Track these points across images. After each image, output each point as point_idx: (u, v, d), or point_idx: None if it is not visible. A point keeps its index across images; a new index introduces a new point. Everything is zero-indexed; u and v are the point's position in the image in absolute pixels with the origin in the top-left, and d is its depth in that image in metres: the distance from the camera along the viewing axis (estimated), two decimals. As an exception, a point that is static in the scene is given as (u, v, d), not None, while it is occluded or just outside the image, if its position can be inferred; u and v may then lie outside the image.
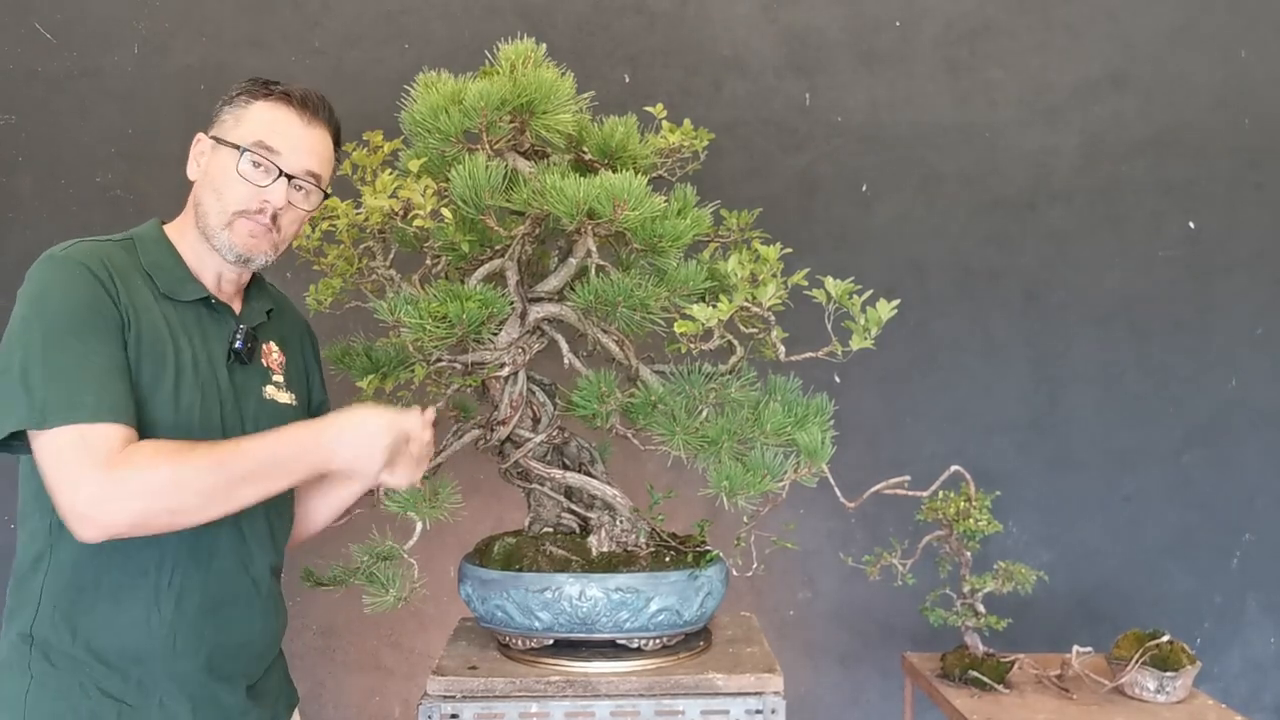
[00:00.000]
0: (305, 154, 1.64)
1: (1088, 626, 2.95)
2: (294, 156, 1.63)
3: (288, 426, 1.57)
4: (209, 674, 1.60)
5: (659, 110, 1.99)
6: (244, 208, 1.61)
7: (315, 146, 1.66)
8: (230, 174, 1.61)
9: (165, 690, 1.56)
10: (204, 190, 1.63)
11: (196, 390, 1.57)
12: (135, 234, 1.64)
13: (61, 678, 1.51)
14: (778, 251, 1.83)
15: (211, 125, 1.65)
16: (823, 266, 1.83)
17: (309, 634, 2.98)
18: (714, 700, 1.78)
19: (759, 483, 1.70)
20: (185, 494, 1.44)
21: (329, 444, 1.54)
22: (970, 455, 2.86)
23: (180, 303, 1.61)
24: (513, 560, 1.90)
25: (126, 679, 1.53)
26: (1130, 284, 3.04)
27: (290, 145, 1.63)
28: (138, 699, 1.54)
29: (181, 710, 1.57)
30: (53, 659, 1.51)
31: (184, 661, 1.57)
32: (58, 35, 2.92)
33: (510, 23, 2.91)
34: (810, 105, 3.01)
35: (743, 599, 2.86)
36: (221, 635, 1.62)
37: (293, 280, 2.04)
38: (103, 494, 1.40)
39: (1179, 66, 3.02)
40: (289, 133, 1.63)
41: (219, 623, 1.61)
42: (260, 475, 1.49)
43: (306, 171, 1.65)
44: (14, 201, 2.91)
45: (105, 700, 1.52)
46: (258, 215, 1.61)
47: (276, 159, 1.62)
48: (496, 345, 1.86)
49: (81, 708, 1.51)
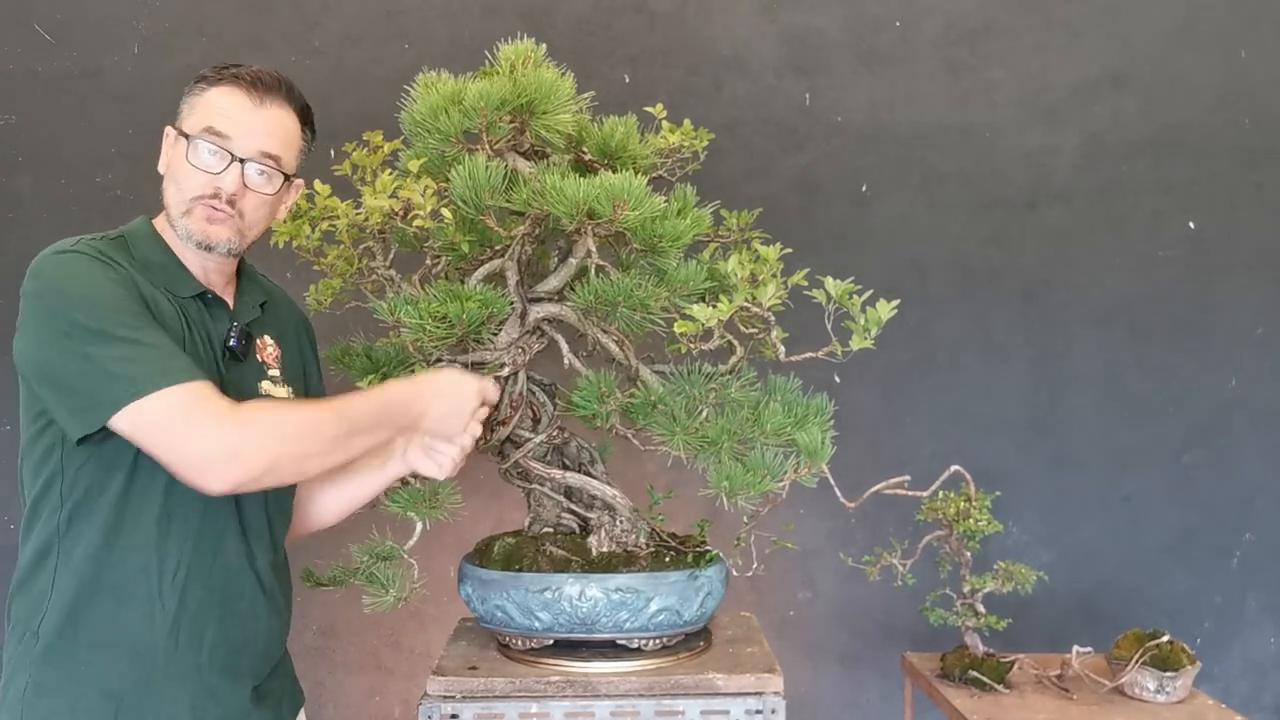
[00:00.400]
0: (258, 136, 1.60)
1: (1088, 626, 2.94)
2: (246, 140, 1.59)
3: (386, 383, 1.64)
4: (211, 671, 1.59)
5: (659, 110, 1.99)
6: (199, 194, 1.58)
7: (270, 128, 1.61)
8: (184, 163, 1.58)
9: (164, 687, 1.55)
10: (167, 181, 1.63)
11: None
12: (126, 232, 1.62)
13: (58, 676, 1.50)
14: (778, 251, 1.83)
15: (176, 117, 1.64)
16: (823, 266, 1.82)
17: (309, 634, 2.98)
18: (714, 700, 1.78)
19: (759, 483, 1.70)
20: (316, 439, 1.48)
21: (426, 398, 1.62)
22: (970, 455, 2.85)
23: (179, 298, 1.60)
24: (513, 560, 1.90)
25: (125, 676, 1.53)
26: (1130, 284, 3.04)
27: (241, 129, 1.59)
28: (135, 696, 1.53)
29: (180, 707, 1.56)
30: (51, 658, 1.51)
31: (186, 658, 1.57)
32: (58, 35, 2.92)
33: (510, 23, 2.91)
34: (810, 105, 3.01)
35: (743, 599, 2.86)
36: (225, 632, 1.61)
37: (293, 280, 2.04)
38: (239, 439, 1.40)
39: (1179, 66, 3.02)
40: (239, 116, 1.59)
41: (222, 619, 1.61)
42: (371, 425, 1.55)
43: (260, 153, 1.60)
44: (14, 201, 2.91)
45: (103, 699, 1.52)
46: (213, 200, 1.59)
47: (227, 144, 1.58)
48: (496, 345, 1.86)
49: (79, 705, 1.50)
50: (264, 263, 1.93)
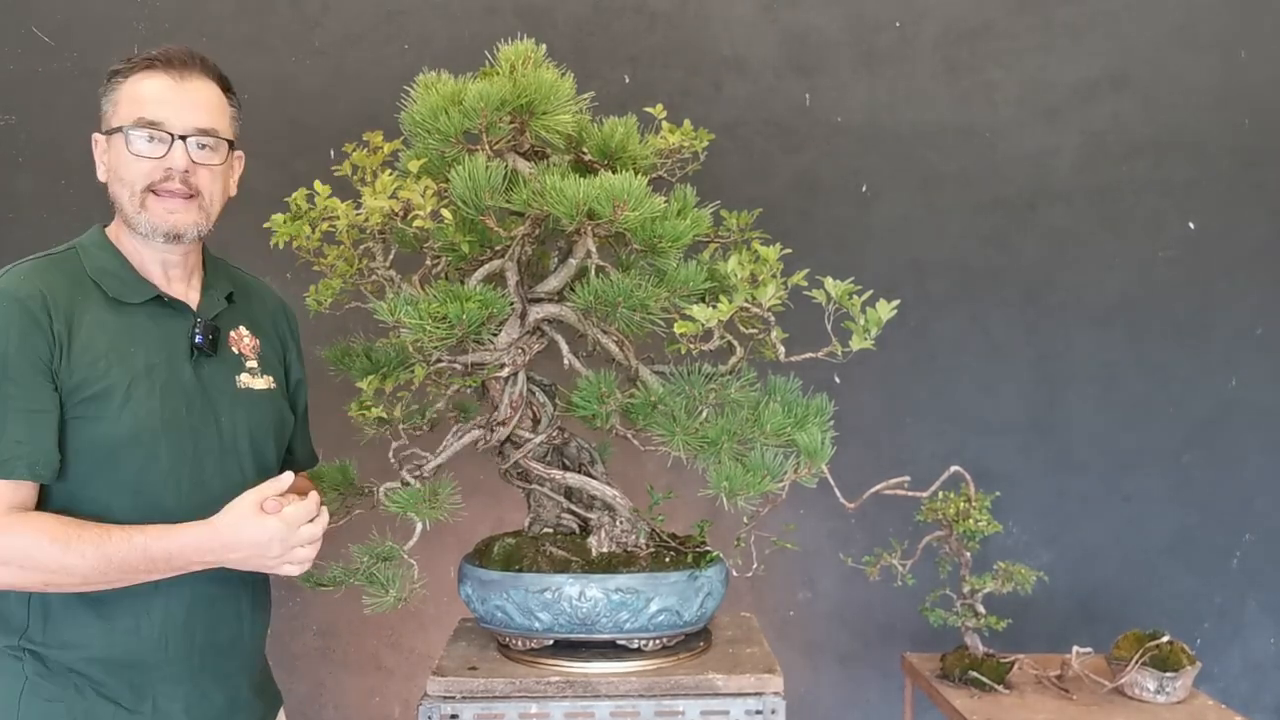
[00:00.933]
0: (189, 111, 1.60)
1: (1088, 627, 2.94)
2: (179, 118, 1.59)
3: (185, 526, 1.52)
4: (202, 672, 1.60)
5: (659, 111, 1.99)
6: (149, 182, 1.58)
7: (198, 101, 1.61)
8: (125, 157, 1.59)
9: (159, 691, 1.56)
10: (112, 184, 1.62)
11: (154, 395, 1.56)
12: (79, 243, 1.63)
13: (57, 680, 1.51)
14: (777, 252, 1.82)
15: (100, 124, 1.64)
16: (823, 267, 1.82)
17: (309, 634, 2.98)
18: (714, 701, 1.78)
19: (759, 483, 1.70)
20: (62, 574, 1.45)
21: (219, 552, 1.53)
22: (970, 455, 2.86)
23: (131, 305, 1.59)
24: (513, 561, 1.90)
25: (121, 682, 1.53)
26: (1130, 284, 3.04)
27: (171, 109, 1.59)
28: (132, 701, 1.54)
29: (175, 709, 1.57)
30: (48, 664, 1.51)
31: (176, 664, 1.57)
32: (58, 35, 2.91)
33: (510, 23, 2.91)
34: (810, 105, 3.01)
35: (743, 599, 2.86)
36: (212, 634, 1.62)
37: (292, 280, 2.04)
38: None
39: (1179, 66, 3.02)
40: (165, 97, 1.59)
41: (209, 622, 1.61)
42: (149, 570, 1.49)
43: (196, 129, 1.60)
44: (14, 201, 2.91)
45: (101, 701, 1.52)
46: (165, 185, 1.58)
47: (163, 126, 1.58)
48: (496, 346, 1.86)
49: (77, 708, 1.51)
50: (264, 263, 1.93)
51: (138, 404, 1.54)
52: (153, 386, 1.56)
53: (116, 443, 1.52)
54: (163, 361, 1.58)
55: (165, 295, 1.63)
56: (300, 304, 1.98)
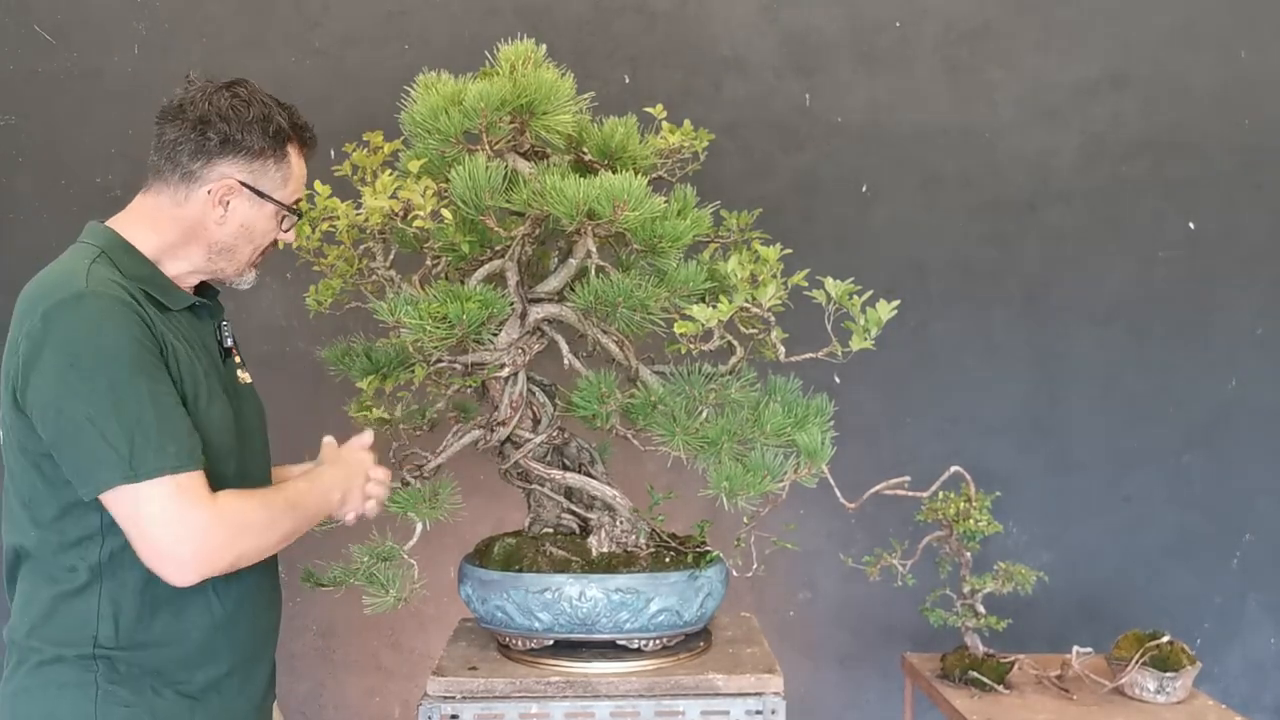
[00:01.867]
0: None
1: (1088, 627, 2.94)
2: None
3: (307, 476, 1.66)
4: (252, 657, 1.64)
5: (659, 111, 1.99)
6: (265, 253, 1.67)
7: None
8: (269, 226, 1.63)
9: (224, 682, 1.58)
10: (240, 240, 1.61)
11: (217, 399, 1.56)
12: (103, 247, 1.54)
13: (129, 684, 1.50)
14: (778, 252, 1.83)
15: (238, 165, 1.56)
16: (823, 267, 1.82)
17: (309, 634, 2.98)
18: (714, 701, 1.78)
19: (759, 483, 1.70)
20: (273, 534, 1.51)
21: (339, 484, 1.67)
22: (970, 455, 2.86)
23: (173, 311, 1.56)
24: (513, 561, 1.90)
25: (191, 676, 1.55)
26: (1130, 284, 3.03)
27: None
28: (203, 693, 1.56)
29: (233, 693, 1.60)
30: (118, 668, 1.50)
31: (238, 652, 1.60)
32: (58, 35, 2.92)
33: (510, 23, 2.91)
34: (810, 105, 3.01)
35: (743, 599, 2.86)
36: (261, 619, 1.66)
37: (293, 280, 2.05)
38: (209, 537, 1.41)
39: (1179, 66, 3.02)
40: (305, 179, 1.68)
41: (259, 609, 1.65)
42: (308, 520, 1.60)
43: None
44: (14, 201, 2.91)
45: (179, 699, 1.53)
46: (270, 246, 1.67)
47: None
48: (496, 346, 1.86)
49: (158, 708, 1.51)
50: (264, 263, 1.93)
51: (212, 408, 1.54)
52: (213, 391, 1.56)
53: (206, 445, 1.50)
54: (210, 365, 1.59)
55: (197, 301, 1.62)
56: (300, 304, 1.99)
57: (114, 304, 1.44)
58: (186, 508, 1.39)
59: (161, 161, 1.56)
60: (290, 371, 2.78)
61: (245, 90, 1.59)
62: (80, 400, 1.39)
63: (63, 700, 1.48)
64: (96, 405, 1.38)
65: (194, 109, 1.55)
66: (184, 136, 1.54)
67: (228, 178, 1.56)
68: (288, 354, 2.83)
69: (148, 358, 1.43)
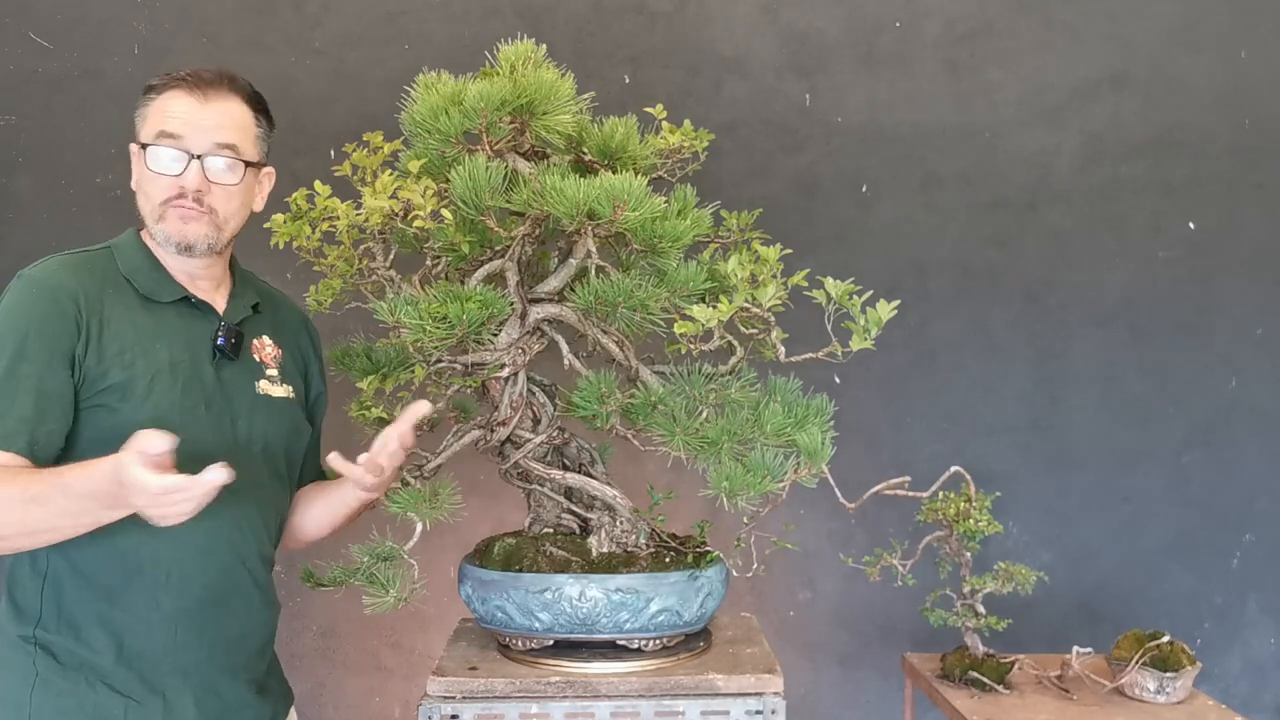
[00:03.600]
0: (209, 130, 1.63)
1: (1088, 627, 2.94)
2: (198, 136, 1.62)
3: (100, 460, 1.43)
4: (211, 666, 1.62)
5: (659, 111, 1.99)
6: (166, 197, 1.62)
7: (219, 120, 1.64)
8: (146, 170, 1.63)
9: (169, 684, 1.57)
10: (137, 195, 1.67)
11: (174, 389, 1.58)
12: (114, 244, 1.67)
13: (67, 675, 1.52)
14: (778, 252, 1.83)
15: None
16: (823, 267, 1.82)
17: (309, 634, 2.98)
18: (714, 701, 1.78)
19: (759, 483, 1.70)
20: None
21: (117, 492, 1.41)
22: (970, 455, 2.86)
23: (161, 304, 1.63)
24: (513, 561, 1.90)
25: (130, 674, 1.54)
26: (1130, 284, 3.04)
27: (191, 126, 1.62)
28: (143, 693, 1.55)
29: (185, 703, 1.58)
30: (59, 658, 1.52)
31: (186, 655, 1.58)
32: (58, 35, 2.91)
33: (510, 23, 2.91)
34: (810, 105, 3.01)
35: (743, 600, 2.86)
36: (222, 627, 1.63)
37: (293, 281, 2.04)
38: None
39: (1179, 66, 3.02)
40: (187, 115, 1.62)
41: (219, 615, 1.62)
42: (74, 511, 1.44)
43: (216, 145, 1.63)
44: (14, 202, 2.91)
45: (112, 695, 1.53)
46: (179, 200, 1.62)
47: (182, 144, 1.62)
48: (496, 346, 1.86)
49: (88, 702, 1.52)
50: (264, 263, 1.93)
51: (159, 396, 1.57)
52: (174, 381, 1.59)
53: (135, 431, 1.51)
54: (186, 359, 1.62)
55: (193, 297, 1.67)
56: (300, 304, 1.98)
57: (36, 287, 1.55)
58: None
59: None
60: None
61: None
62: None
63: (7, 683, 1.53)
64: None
65: None
66: None
67: (133, 150, 1.68)
68: (288, 354, 2.83)
69: (38, 342, 1.51)
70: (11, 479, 1.44)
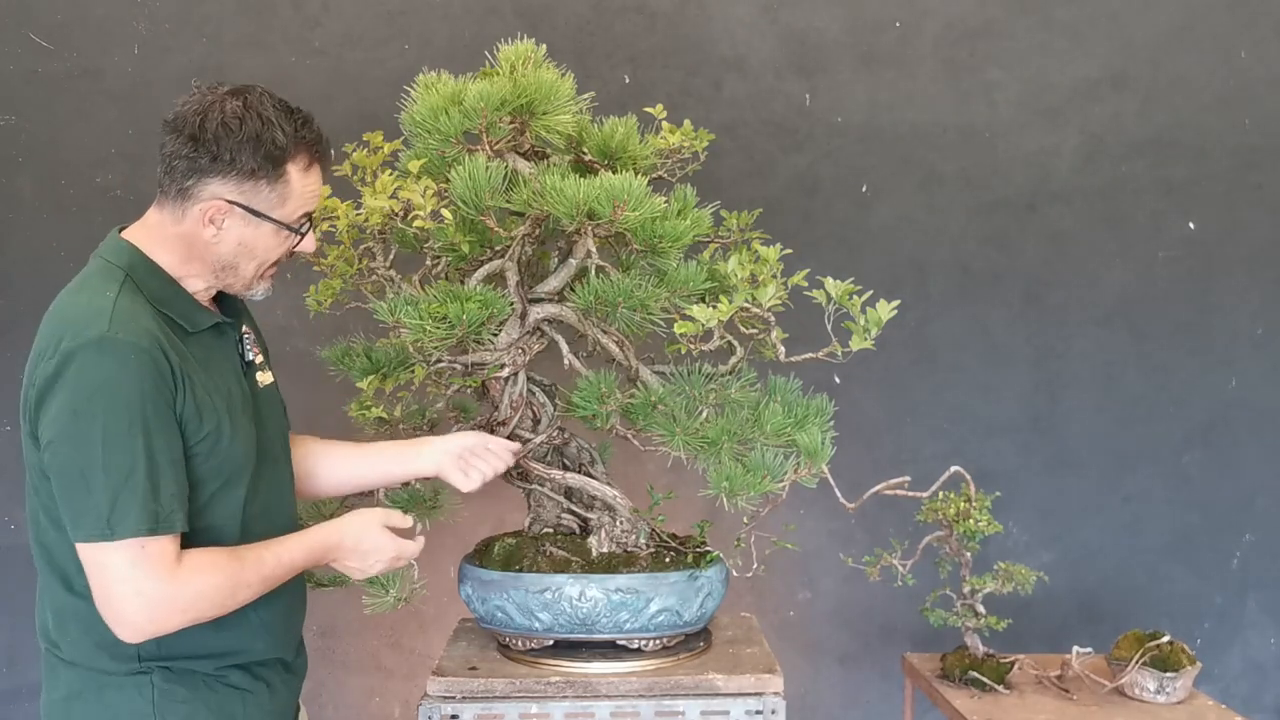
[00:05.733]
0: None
1: (1088, 627, 2.94)
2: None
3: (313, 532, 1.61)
4: (290, 646, 1.67)
5: (659, 111, 1.99)
6: (277, 261, 1.61)
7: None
8: (274, 242, 1.57)
9: (265, 670, 1.61)
10: (240, 258, 1.56)
11: (242, 416, 1.57)
12: (126, 269, 1.52)
13: (185, 682, 1.52)
14: (778, 252, 1.83)
15: (229, 185, 1.50)
16: (823, 267, 1.83)
17: (309, 634, 2.94)
18: (714, 701, 1.78)
19: (759, 483, 1.70)
20: (232, 601, 1.49)
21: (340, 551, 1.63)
22: (970, 455, 2.86)
23: (195, 333, 1.55)
24: (513, 561, 1.90)
25: (241, 673, 1.57)
26: (1130, 284, 3.03)
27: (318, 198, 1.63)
28: (251, 683, 1.59)
29: (277, 680, 1.64)
30: (173, 668, 1.52)
31: (276, 637, 1.62)
32: (57, 36, 2.91)
33: (510, 23, 2.91)
34: (810, 106, 3.01)
35: (743, 600, 2.86)
36: (298, 608, 1.70)
37: (292, 281, 2.04)
38: (163, 607, 1.42)
39: (1179, 66, 3.02)
40: (319, 190, 1.62)
41: (295, 603, 1.68)
42: (285, 576, 1.57)
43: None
44: (14, 201, 2.90)
45: (231, 691, 1.56)
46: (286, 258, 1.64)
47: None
48: (496, 346, 1.86)
49: (212, 701, 1.54)
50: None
51: (239, 431, 1.54)
52: (236, 414, 1.56)
53: (232, 469, 1.53)
54: (235, 384, 1.59)
55: (221, 321, 1.61)
56: (300, 304, 1.99)
57: (131, 351, 1.42)
58: (146, 577, 1.41)
59: (162, 175, 1.53)
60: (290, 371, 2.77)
61: (244, 102, 1.51)
62: (76, 450, 1.40)
63: (123, 702, 1.50)
64: (89, 458, 1.40)
65: (188, 124, 1.50)
66: (178, 152, 1.50)
67: (218, 198, 1.50)
68: (288, 354, 2.82)
69: (154, 410, 1.43)
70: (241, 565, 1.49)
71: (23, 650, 2.90)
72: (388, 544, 1.64)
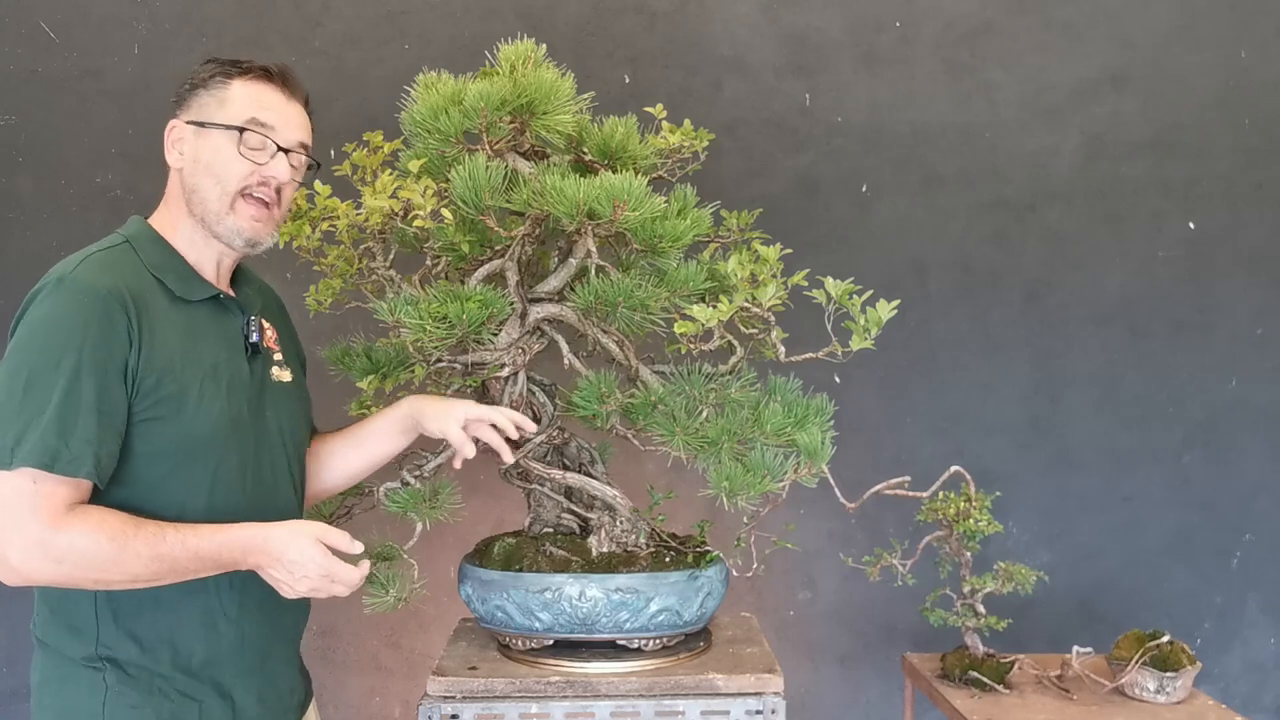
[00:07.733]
0: (295, 127, 1.65)
1: (1088, 627, 2.94)
2: (286, 130, 1.63)
3: (236, 528, 1.51)
4: (269, 660, 1.64)
5: (659, 111, 1.99)
6: (243, 185, 1.59)
7: (300, 118, 1.67)
8: (226, 154, 1.59)
9: (236, 685, 1.59)
10: (199, 177, 1.60)
11: (221, 394, 1.56)
12: (129, 236, 1.59)
13: (138, 685, 1.51)
14: (778, 252, 1.83)
15: (184, 110, 1.62)
16: (823, 266, 1.83)
17: (309, 634, 2.95)
18: (714, 701, 1.78)
19: (759, 483, 1.70)
20: (114, 572, 1.44)
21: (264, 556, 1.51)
22: (970, 455, 2.86)
23: (192, 303, 1.58)
24: (513, 561, 1.90)
25: (198, 680, 1.55)
26: (1130, 284, 3.04)
27: (281, 120, 1.63)
28: (213, 696, 1.56)
29: (249, 701, 1.60)
30: (128, 670, 1.51)
31: (250, 655, 1.60)
32: (57, 35, 2.92)
33: (510, 23, 2.91)
34: (810, 105, 3.01)
35: (743, 599, 2.86)
36: (280, 621, 1.66)
37: (293, 280, 2.04)
38: (36, 550, 1.39)
39: (1179, 66, 3.02)
40: (277, 108, 1.63)
41: (277, 611, 1.64)
42: (197, 570, 1.49)
43: (298, 143, 1.65)
44: (14, 201, 2.91)
45: (185, 700, 1.54)
46: (261, 189, 1.61)
47: (272, 134, 1.61)
48: (496, 346, 1.86)
49: (164, 709, 1.52)
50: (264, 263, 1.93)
51: (210, 403, 1.54)
52: (219, 385, 1.56)
53: (194, 442, 1.52)
54: (225, 360, 1.59)
55: (222, 293, 1.63)
56: (300, 304, 1.98)
57: (85, 294, 1.46)
58: (27, 514, 1.39)
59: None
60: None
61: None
62: (8, 378, 1.44)
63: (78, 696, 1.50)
64: (12, 388, 1.42)
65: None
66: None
67: (175, 126, 1.62)
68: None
69: (91, 354, 1.44)
70: (135, 532, 1.43)
71: (23, 650, 2.89)
72: (316, 560, 1.50)
